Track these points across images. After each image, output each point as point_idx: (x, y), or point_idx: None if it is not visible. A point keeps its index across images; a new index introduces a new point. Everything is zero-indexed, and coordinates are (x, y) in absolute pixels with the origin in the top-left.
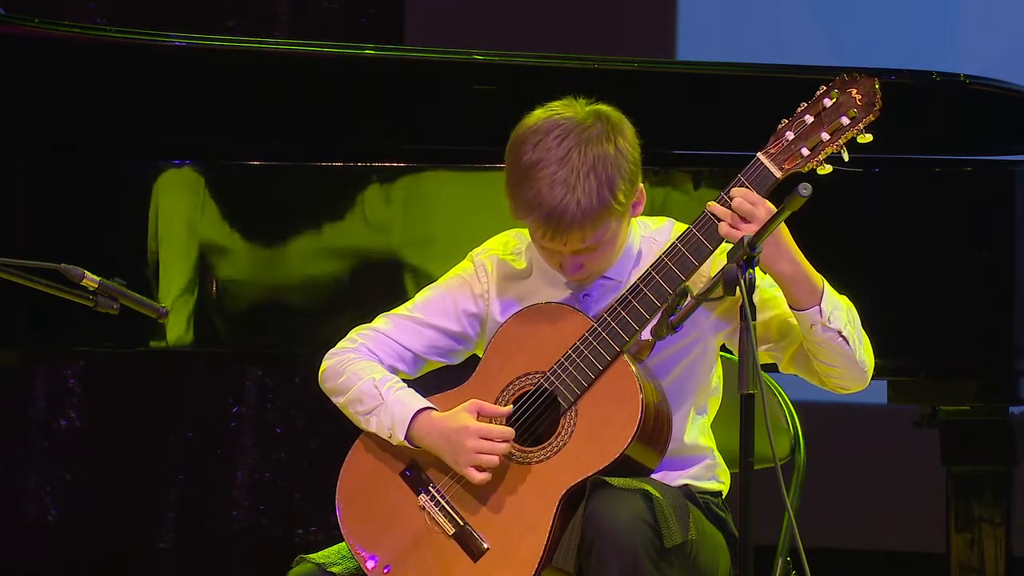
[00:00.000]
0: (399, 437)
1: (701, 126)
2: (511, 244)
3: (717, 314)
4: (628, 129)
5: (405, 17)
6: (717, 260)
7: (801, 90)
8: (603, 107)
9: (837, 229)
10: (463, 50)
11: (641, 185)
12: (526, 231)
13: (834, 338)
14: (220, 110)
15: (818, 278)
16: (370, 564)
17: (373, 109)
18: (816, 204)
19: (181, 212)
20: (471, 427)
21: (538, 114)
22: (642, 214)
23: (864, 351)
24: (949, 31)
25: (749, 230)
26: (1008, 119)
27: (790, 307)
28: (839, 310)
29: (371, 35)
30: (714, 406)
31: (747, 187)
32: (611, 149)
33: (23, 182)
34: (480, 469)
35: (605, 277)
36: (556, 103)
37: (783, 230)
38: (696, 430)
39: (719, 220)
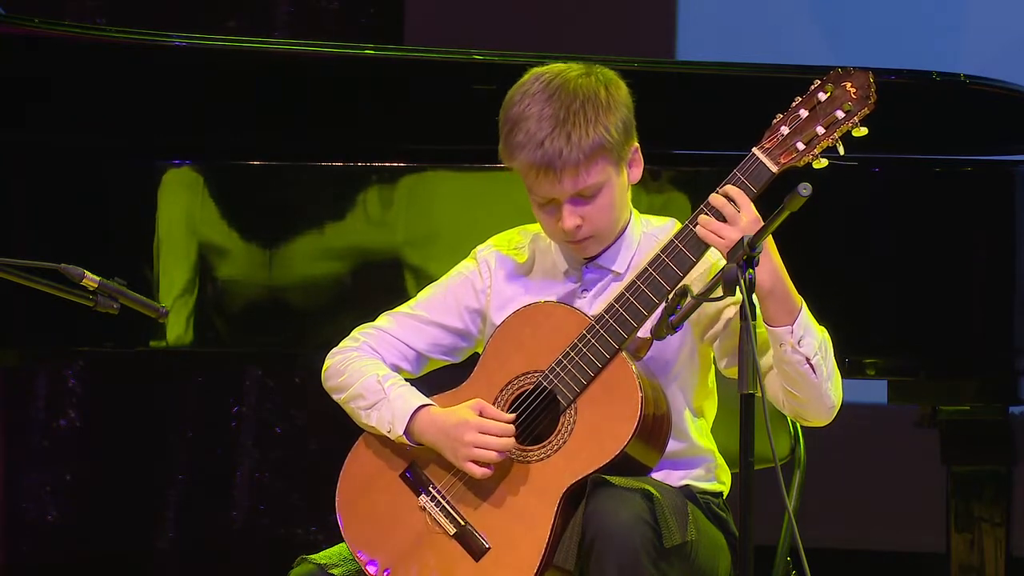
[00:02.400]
0: (398, 431)
1: (701, 126)
2: (514, 240)
3: (704, 321)
4: (622, 83)
5: (405, 17)
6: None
7: (801, 90)
8: (597, 66)
9: (837, 229)
10: (463, 50)
11: (637, 144)
12: (531, 227)
13: (801, 363)
14: (220, 110)
15: (798, 299)
16: (371, 566)
17: (373, 109)
18: (816, 204)
19: (181, 212)
20: (470, 422)
21: (525, 77)
22: (645, 213)
23: (833, 387)
24: (949, 31)
25: (729, 234)
26: (1008, 119)
27: (764, 320)
28: (812, 337)
29: (371, 35)
30: (710, 408)
31: (743, 183)
32: (601, 91)
33: (23, 182)
34: (480, 464)
35: (603, 268)
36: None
37: (770, 244)
38: (695, 432)
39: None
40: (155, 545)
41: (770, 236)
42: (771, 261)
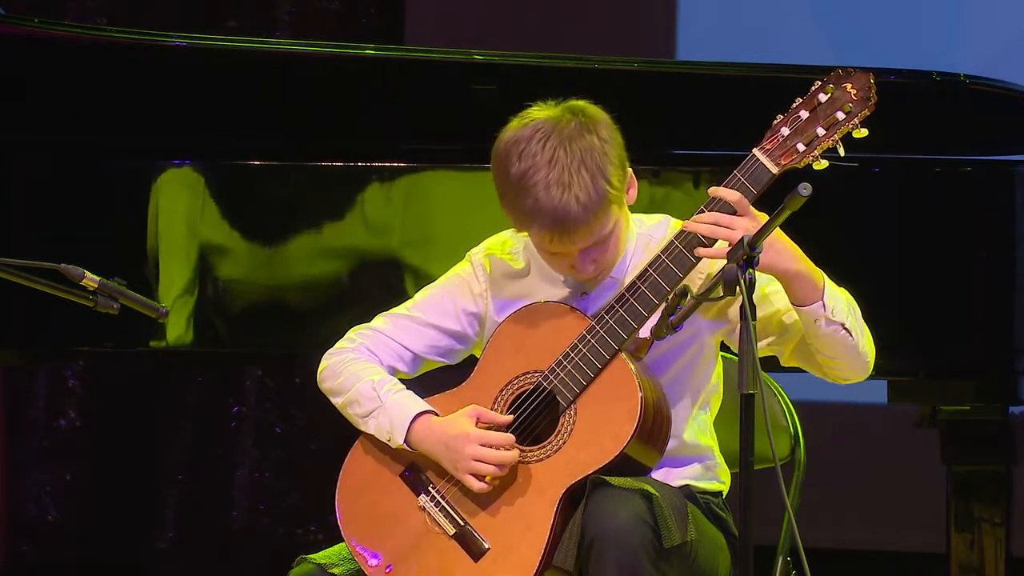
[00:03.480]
0: (398, 441)
1: (701, 126)
2: (508, 243)
3: (714, 312)
4: (604, 116)
5: (405, 17)
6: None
7: (801, 90)
8: (574, 102)
9: (837, 229)
10: (463, 50)
11: (630, 169)
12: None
13: (837, 331)
14: (220, 110)
15: (818, 274)
16: (371, 565)
17: (373, 109)
18: (816, 204)
19: (181, 212)
20: (471, 434)
21: (514, 124)
22: (640, 211)
23: (866, 342)
24: (949, 31)
25: (720, 241)
26: (1008, 119)
27: (792, 304)
28: (840, 303)
29: (371, 35)
30: (715, 404)
31: (743, 183)
32: (595, 140)
33: (23, 182)
34: (479, 477)
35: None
36: (529, 110)
37: (779, 232)
38: (697, 427)
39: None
40: (155, 545)
41: (778, 227)
42: (788, 249)
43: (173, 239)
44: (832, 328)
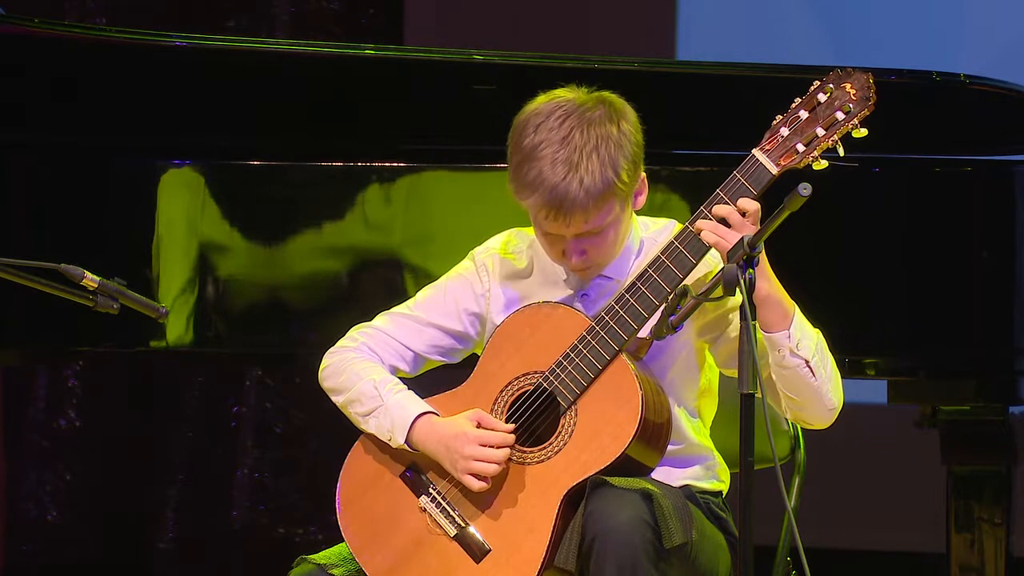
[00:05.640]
0: (399, 441)
1: (701, 126)
2: (512, 243)
3: (701, 323)
4: (631, 113)
5: (405, 17)
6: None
7: (801, 90)
8: (606, 93)
9: (837, 229)
10: (463, 50)
11: (643, 174)
12: (528, 230)
13: (800, 366)
14: (220, 110)
15: (791, 304)
16: (371, 566)
17: (373, 109)
18: (816, 204)
19: (181, 212)
20: (470, 434)
21: (540, 98)
22: (644, 214)
23: (832, 388)
24: (949, 31)
25: (729, 237)
26: (1008, 119)
27: (761, 328)
28: (808, 339)
29: (371, 35)
30: (708, 408)
31: (743, 184)
32: (614, 130)
33: (23, 182)
34: (478, 477)
35: (604, 276)
36: (559, 89)
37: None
38: (693, 431)
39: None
40: (155, 545)
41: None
42: (762, 270)
43: (173, 239)
44: (795, 362)
